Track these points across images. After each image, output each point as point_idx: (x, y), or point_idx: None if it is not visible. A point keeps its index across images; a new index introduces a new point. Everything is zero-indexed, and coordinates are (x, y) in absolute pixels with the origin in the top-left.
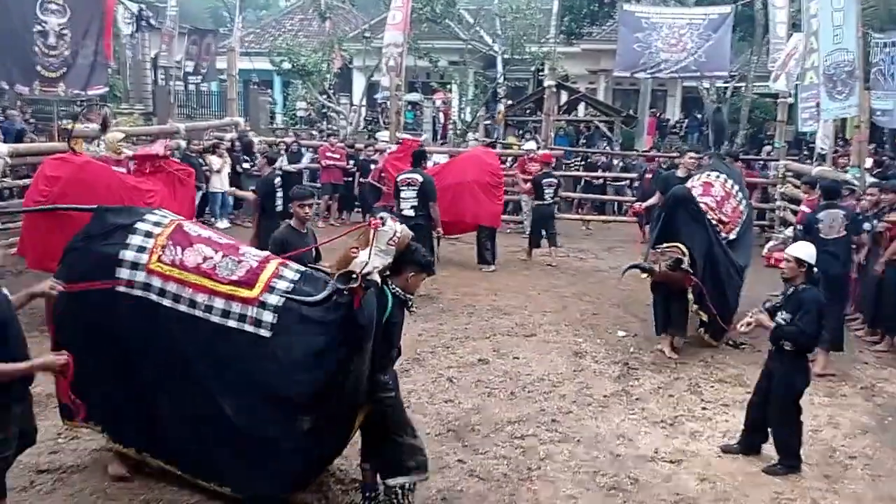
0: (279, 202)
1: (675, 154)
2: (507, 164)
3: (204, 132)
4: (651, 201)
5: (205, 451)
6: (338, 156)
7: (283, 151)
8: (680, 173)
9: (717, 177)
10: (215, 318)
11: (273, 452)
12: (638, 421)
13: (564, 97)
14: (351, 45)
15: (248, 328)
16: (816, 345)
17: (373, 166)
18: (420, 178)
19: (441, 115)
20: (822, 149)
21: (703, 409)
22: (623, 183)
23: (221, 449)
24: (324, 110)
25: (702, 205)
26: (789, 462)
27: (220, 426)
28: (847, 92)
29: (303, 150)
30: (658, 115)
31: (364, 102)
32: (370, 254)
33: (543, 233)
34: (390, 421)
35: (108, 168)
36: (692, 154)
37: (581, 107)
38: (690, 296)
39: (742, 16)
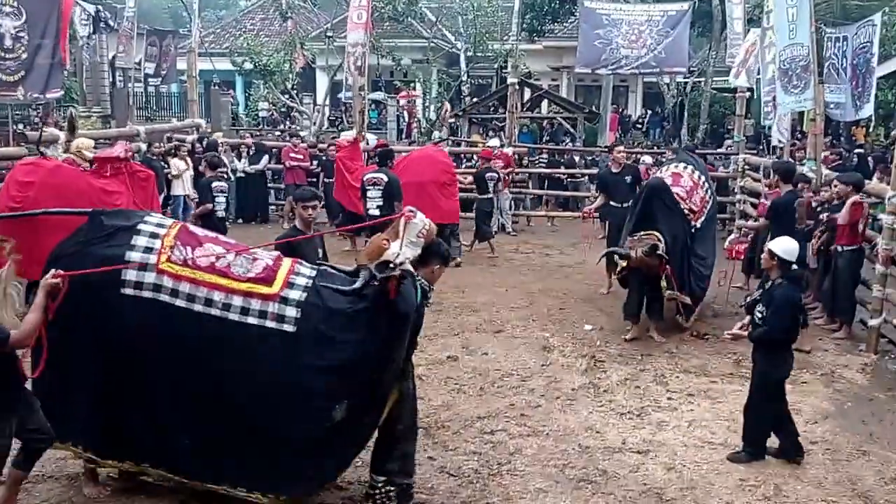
0: (218, 207)
1: (636, 150)
2: (473, 163)
3: (164, 135)
4: (597, 203)
5: (221, 454)
6: (301, 156)
7: (244, 154)
8: (613, 168)
9: (685, 168)
10: (233, 316)
11: (302, 450)
12: (605, 413)
13: (528, 94)
14: (313, 45)
15: (270, 324)
16: (791, 340)
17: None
18: (385, 178)
19: (406, 114)
20: (779, 142)
21: (669, 399)
22: (581, 179)
23: (242, 451)
24: (286, 110)
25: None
26: (753, 449)
27: (241, 426)
28: (802, 86)
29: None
30: (620, 111)
31: (327, 102)
32: (401, 245)
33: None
34: (407, 414)
35: (78, 171)
36: (620, 147)
37: (544, 104)
38: (664, 283)
39: (700, 12)
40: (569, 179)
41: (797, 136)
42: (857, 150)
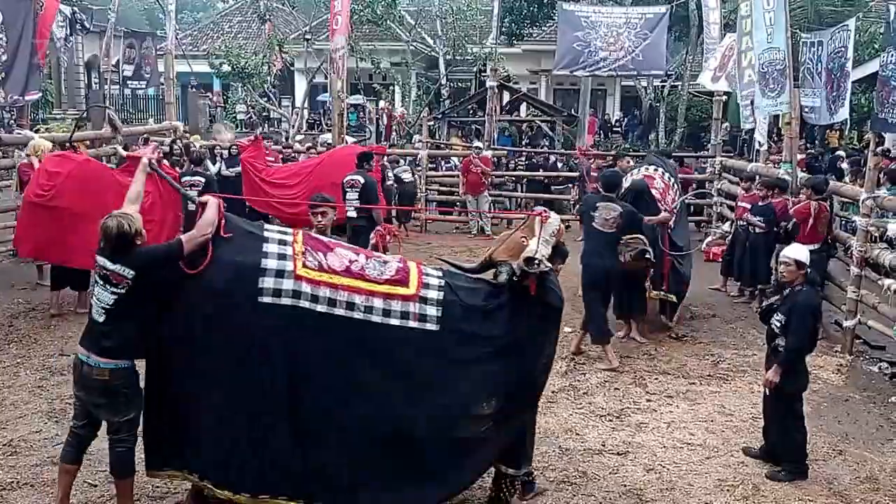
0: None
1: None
2: (452, 165)
3: (140, 137)
4: None
5: (366, 465)
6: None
7: (219, 157)
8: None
9: (656, 170)
10: (376, 318)
11: (449, 450)
12: (585, 415)
13: (507, 97)
14: (292, 47)
15: (413, 324)
16: (811, 351)
17: None
18: (362, 181)
19: (384, 117)
20: (759, 144)
21: (648, 401)
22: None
23: (389, 458)
24: (265, 113)
25: None
26: (791, 468)
27: (387, 431)
28: (779, 89)
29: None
30: (602, 115)
31: (306, 105)
32: (538, 243)
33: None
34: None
35: (105, 167)
36: (627, 158)
37: (523, 107)
38: (648, 284)
39: (677, 16)
40: (546, 181)
41: (772, 140)
42: (838, 153)
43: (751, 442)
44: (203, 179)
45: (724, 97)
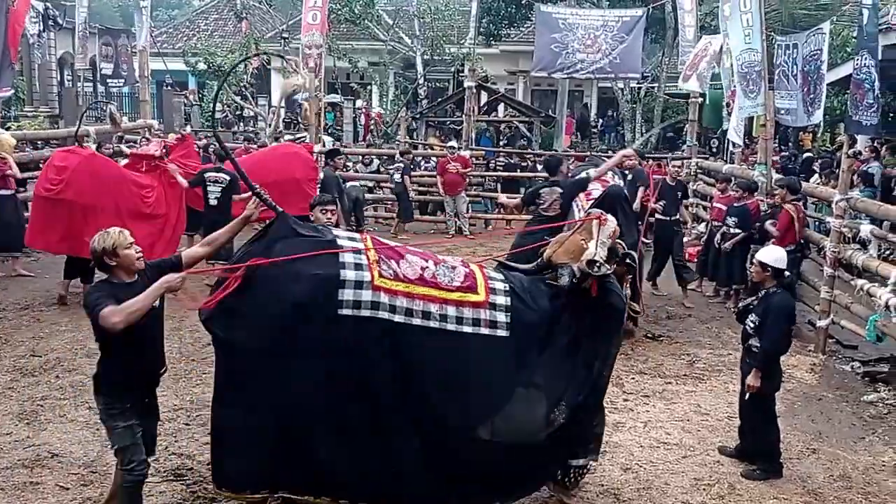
0: (211, 196)
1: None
2: (429, 165)
3: (115, 135)
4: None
5: (441, 474)
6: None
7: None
8: (669, 181)
9: (608, 174)
10: (451, 326)
11: (524, 456)
12: None
13: (484, 98)
14: (269, 46)
15: (485, 331)
16: (785, 352)
17: None
18: (321, 175)
19: (362, 117)
20: (734, 145)
21: (625, 400)
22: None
23: (464, 466)
24: (240, 112)
25: None
26: (766, 466)
27: (464, 440)
28: (757, 91)
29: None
30: (580, 115)
31: (283, 104)
32: (597, 245)
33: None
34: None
35: (111, 161)
36: (677, 162)
37: (501, 107)
38: (628, 290)
39: (653, 19)
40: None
41: (746, 142)
42: (806, 155)
43: (726, 441)
44: (227, 177)
45: (700, 99)
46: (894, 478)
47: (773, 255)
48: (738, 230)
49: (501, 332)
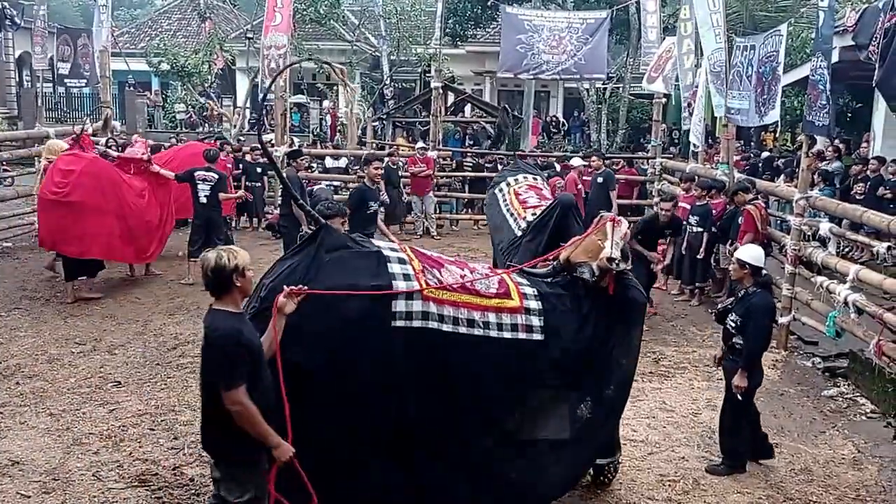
0: (201, 193)
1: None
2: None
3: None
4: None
5: (489, 479)
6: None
7: None
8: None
9: (533, 178)
10: (493, 333)
11: (556, 454)
12: None
13: (451, 98)
14: (233, 46)
15: (522, 335)
16: (766, 348)
17: (258, 169)
18: (284, 174)
19: (328, 117)
20: (694, 146)
21: None
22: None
23: (507, 471)
24: (205, 113)
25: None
26: (732, 461)
27: (509, 444)
28: (724, 90)
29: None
30: (547, 117)
31: (248, 104)
32: (612, 244)
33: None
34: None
35: (110, 165)
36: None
37: (468, 108)
38: None
39: (618, 20)
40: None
41: (708, 142)
42: (764, 154)
43: (690, 436)
44: (216, 176)
45: (664, 99)
46: (853, 470)
47: (750, 252)
48: (699, 229)
49: (537, 336)
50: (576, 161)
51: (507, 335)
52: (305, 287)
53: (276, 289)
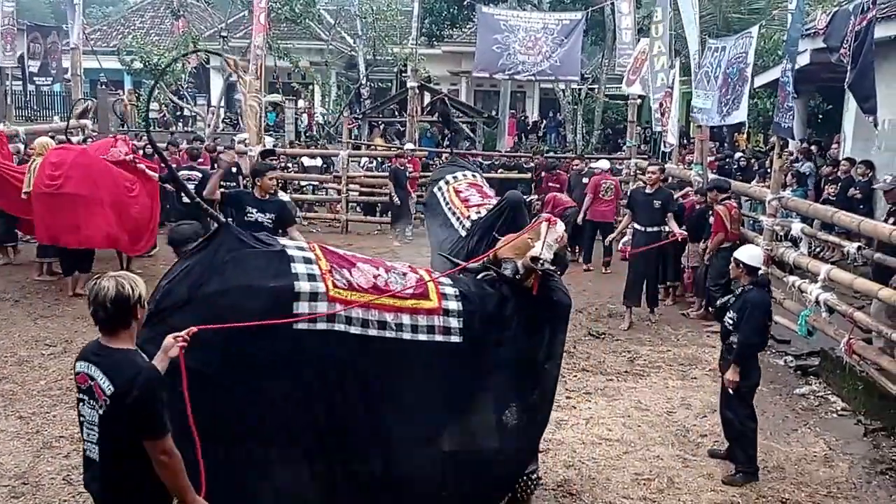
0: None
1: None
2: (372, 165)
3: (45, 135)
4: (623, 224)
5: (402, 487)
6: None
7: None
8: (647, 189)
9: (473, 175)
10: (406, 335)
11: (481, 463)
12: None
13: (427, 98)
14: (207, 45)
15: (439, 338)
16: (762, 348)
17: (234, 169)
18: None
19: (304, 116)
20: (668, 146)
21: (567, 398)
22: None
23: (423, 477)
24: (179, 112)
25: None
26: (745, 469)
27: (421, 450)
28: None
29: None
30: (521, 117)
31: (223, 104)
32: (543, 245)
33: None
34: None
35: (98, 158)
36: (653, 168)
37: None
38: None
39: (593, 20)
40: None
41: (683, 143)
42: (736, 154)
43: (664, 435)
44: (200, 174)
45: (639, 100)
46: (825, 468)
47: (747, 252)
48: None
49: (455, 339)
50: (603, 164)
51: (422, 337)
52: (195, 329)
53: (171, 291)
